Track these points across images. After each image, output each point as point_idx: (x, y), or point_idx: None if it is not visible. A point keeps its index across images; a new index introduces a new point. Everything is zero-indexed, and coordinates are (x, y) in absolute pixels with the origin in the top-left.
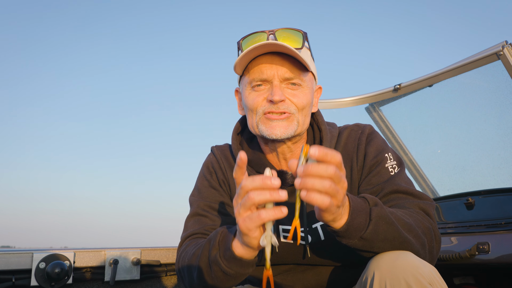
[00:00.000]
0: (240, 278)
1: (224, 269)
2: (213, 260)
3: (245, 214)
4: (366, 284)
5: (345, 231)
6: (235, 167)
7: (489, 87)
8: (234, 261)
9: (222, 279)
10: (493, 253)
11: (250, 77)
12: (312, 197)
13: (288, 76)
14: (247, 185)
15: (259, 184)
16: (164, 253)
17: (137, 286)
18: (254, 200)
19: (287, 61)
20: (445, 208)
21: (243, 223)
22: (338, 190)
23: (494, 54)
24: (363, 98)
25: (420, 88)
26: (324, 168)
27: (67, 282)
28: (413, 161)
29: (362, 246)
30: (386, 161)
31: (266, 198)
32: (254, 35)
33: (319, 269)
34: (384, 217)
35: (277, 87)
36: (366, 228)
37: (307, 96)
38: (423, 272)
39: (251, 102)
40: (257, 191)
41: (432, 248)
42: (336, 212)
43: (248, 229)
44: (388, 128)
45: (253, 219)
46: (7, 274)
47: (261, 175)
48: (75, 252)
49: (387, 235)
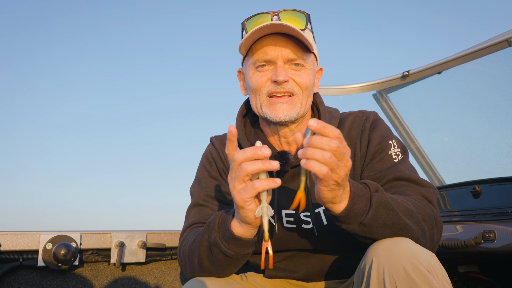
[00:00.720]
0: (240, 260)
1: (224, 250)
2: (213, 242)
3: (239, 186)
4: (364, 271)
5: (345, 216)
6: (227, 141)
7: (499, 74)
8: (234, 241)
9: (223, 262)
10: (499, 242)
11: (254, 57)
12: (310, 164)
13: (291, 57)
14: (239, 157)
15: (250, 155)
16: (169, 236)
17: (142, 269)
18: (247, 170)
19: (291, 42)
20: (451, 196)
21: (239, 195)
22: (339, 165)
23: (505, 41)
24: (371, 85)
25: (429, 75)
26: (327, 141)
27: (73, 263)
28: (420, 149)
29: (362, 231)
30: (390, 148)
31: (259, 168)
32: (258, 16)
33: (322, 255)
34: (384, 203)
35: (281, 67)
36: (366, 213)
37: (310, 76)
38: (422, 259)
39: (255, 82)
40: (249, 162)
41: (433, 235)
42: (335, 190)
43: (243, 201)
44: (395, 115)
45: (248, 189)
46: (14, 254)
47: (252, 146)
48: (82, 233)
49: (387, 221)
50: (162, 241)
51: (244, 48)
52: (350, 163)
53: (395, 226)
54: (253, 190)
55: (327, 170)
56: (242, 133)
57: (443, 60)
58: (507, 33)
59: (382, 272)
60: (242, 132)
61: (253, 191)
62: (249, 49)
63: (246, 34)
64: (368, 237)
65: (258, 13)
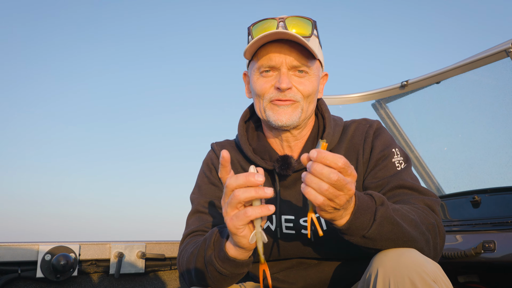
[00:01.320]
0: (235, 278)
1: (219, 269)
2: (208, 260)
3: (232, 213)
4: (370, 282)
5: (347, 229)
6: (219, 166)
7: (497, 84)
8: (228, 261)
9: (219, 278)
10: (499, 252)
11: (258, 63)
12: (307, 191)
13: (295, 64)
14: (231, 184)
15: (243, 182)
16: (169, 246)
17: (141, 279)
18: (240, 198)
19: (295, 49)
20: (451, 206)
21: (231, 222)
22: (338, 195)
23: (503, 51)
24: (370, 94)
25: (428, 85)
26: (327, 172)
27: (72, 274)
28: (419, 158)
29: (365, 243)
30: (393, 156)
31: (251, 195)
32: (264, 22)
33: (321, 266)
34: (388, 217)
35: (284, 75)
36: (369, 227)
37: (313, 83)
38: (427, 270)
39: (259, 88)
40: (241, 189)
41: (436, 244)
42: (334, 212)
43: (235, 228)
44: (394, 124)
45: (240, 217)
46: (13, 266)
47: (245, 173)
48: (81, 244)
49: (391, 235)
50: (161, 251)
51: (249, 54)
52: (352, 191)
53: (399, 239)
54: (245, 218)
55: (323, 199)
56: (244, 137)
57: (442, 70)
58: (505, 43)
59: (388, 283)
60: (244, 137)
61: (246, 219)
62: (254, 54)
63: (251, 41)
64: (371, 248)
65: (264, 19)
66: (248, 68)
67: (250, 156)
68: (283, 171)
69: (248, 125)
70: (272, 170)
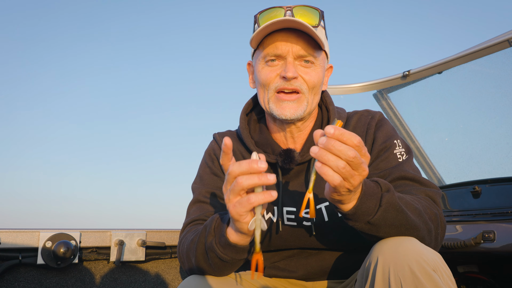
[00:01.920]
0: (236, 264)
1: (220, 255)
2: (209, 246)
3: (235, 199)
4: (369, 270)
5: (353, 214)
6: (221, 153)
7: (499, 74)
8: (229, 247)
9: (219, 265)
10: (499, 242)
11: (264, 51)
12: (325, 171)
13: (302, 54)
14: (234, 171)
15: (246, 169)
16: (169, 235)
17: (142, 267)
18: (243, 184)
19: (302, 39)
20: (451, 196)
21: (234, 209)
22: (354, 174)
23: (506, 41)
24: (371, 84)
25: (429, 75)
26: (345, 149)
27: (73, 261)
28: (420, 148)
29: (368, 230)
30: (395, 148)
31: (255, 182)
32: (272, 10)
33: (322, 255)
34: (394, 204)
35: (290, 63)
36: (374, 213)
37: (319, 74)
38: (427, 259)
39: (264, 77)
40: (244, 176)
41: (438, 234)
42: (346, 195)
43: (238, 214)
44: (395, 115)
45: (243, 203)
46: (14, 252)
47: (247, 160)
48: (81, 232)
49: (395, 221)
50: (161, 240)
51: (255, 42)
52: (366, 172)
53: (403, 226)
54: (248, 205)
55: (340, 180)
56: (246, 131)
57: (444, 60)
58: (508, 33)
59: (388, 271)
60: (246, 130)
61: (249, 206)
62: (260, 43)
63: (258, 28)
64: (374, 235)
65: (271, 7)
66: (252, 58)
67: (252, 150)
68: (286, 165)
69: (250, 117)
70: (275, 163)
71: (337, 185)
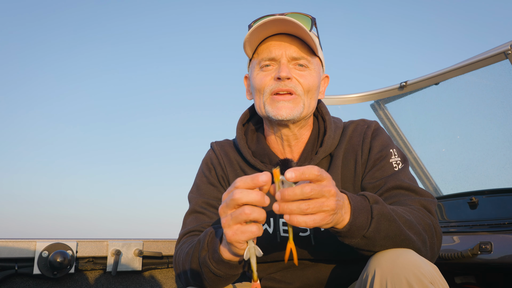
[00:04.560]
0: (230, 279)
1: (214, 270)
2: (203, 261)
3: (235, 226)
4: (366, 282)
5: (348, 231)
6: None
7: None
8: (223, 263)
9: (214, 279)
10: (496, 253)
11: (259, 57)
12: (296, 220)
13: (296, 56)
14: (240, 198)
15: (255, 200)
16: (166, 244)
17: (138, 277)
18: (250, 216)
19: (296, 42)
20: (448, 207)
21: (233, 236)
22: (322, 203)
23: (502, 53)
24: (369, 95)
25: (426, 86)
26: (299, 190)
27: (69, 271)
28: (417, 159)
29: (365, 245)
30: (391, 157)
31: (262, 216)
32: (264, 18)
33: (318, 266)
34: (385, 214)
35: (284, 64)
36: (368, 226)
37: (314, 78)
38: (424, 271)
39: (259, 82)
40: (252, 207)
41: (433, 244)
42: (334, 218)
43: (237, 242)
44: (393, 125)
45: (245, 233)
46: (10, 262)
47: (256, 191)
48: (78, 241)
49: (389, 232)
50: (158, 249)
51: (249, 47)
52: (333, 190)
53: (397, 237)
54: (250, 235)
55: (313, 218)
56: (243, 141)
57: (441, 71)
58: (504, 45)
59: (385, 284)
60: (243, 140)
61: (251, 236)
62: (254, 52)
63: (251, 29)
64: (370, 250)
65: (264, 16)
66: (248, 69)
67: (249, 160)
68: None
69: (247, 127)
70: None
71: (316, 223)
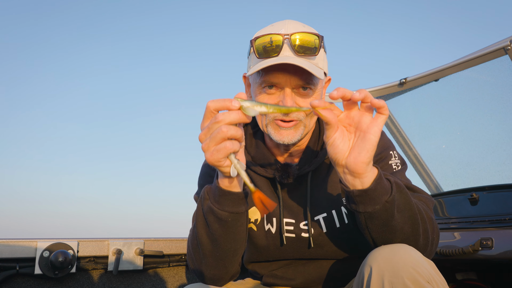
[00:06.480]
0: (235, 227)
1: (218, 213)
2: (207, 210)
3: (212, 147)
4: (363, 279)
5: (374, 190)
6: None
7: (495, 82)
8: (224, 198)
9: (220, 232)
10: (497, 249)
11: (261, 77)
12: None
13: (300, 84)
14: (224, 120)
15: (236, 119)
16: (167, 244)
17: (140, 277)
18: (227, 134)
19: (301, 68)
20: (449, 203)
21: (211, 156)
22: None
23: (502, 49)
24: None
25: (426, 83)
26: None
27: (70, 271)
28: (417, 156)
29: (384, 215)
30: (390, 158)
31: (238, 133)
32: (269, 37)
33: (320, 262)
34: (399, 185)
35: (288, 96)
36: (390, 190)
37: (317, 99)
38: (422, 270)
39: None
40: (229, 126)
41: (433, 238)
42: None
43: (217, 161)
44: (393, 122)
45: (221, 150)
46: (11, 262)
47: (236, 111)
48: (79, 241)
49: (406, 205)
50: (159, 249)
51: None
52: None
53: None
54: (226, 151)
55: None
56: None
57: (440, 68)
58: (504, 41)
59: (382, 282)
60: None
61: (226, 152)
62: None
63: (255, 64)
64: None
65: (268, 34)
66: (248, 70)
67: (249, 165)
68: (284, 180)
69: (245, 131)
70: (273, 178)
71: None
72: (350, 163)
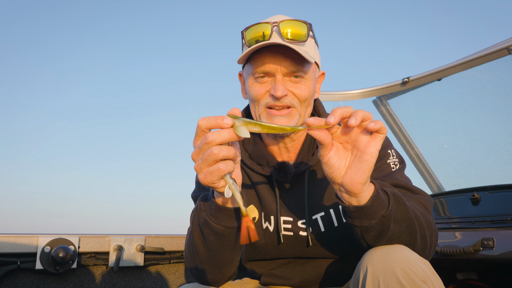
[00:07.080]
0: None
1: (213, 226)
2: (203, 222)
3: (205, 169)
4: (359, 279)
5: (370, 206)
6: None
7: (498, 82)
8: (220, 212)
9: (215, 243)
10: (498, 249)
11: (253, 67)
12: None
13: (291, 70)
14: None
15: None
16: (168, 240)
17: (140, 273)
18: (218, 156)
19: (290, 55)
20: (450, 203)
21: (205, 179)
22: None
23: (505, 49)
24: (371, 91)
25: (429, 82)
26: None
27: (71, 266)
28: (419, 155)
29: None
30: (389, 157)
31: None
32: (258, 26)
33: (318, 262)
34: (396, 195)
35: (279, 82)
36: (387, 204)
37: (310, 87)
38: (417, 270)
39: (254, 93)
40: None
41: (432, 242)
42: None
43: (211, 183)
44: (395, 121)
45: (214, 173)
46: (12, 257)
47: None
48: (80, 237)
49: (403, 215)
50: (160, 245)
51: (243, 60)
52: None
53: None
54: (219, 173)
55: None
56: (240, 143)
57: (443, 67)
58: (507, 41)
59: (377, 283)
60: (239, 142)
61: (220, 174)
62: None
63: (245, 50)
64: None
65: (257, 23)
66: (243, 69)
67: (246, 163)
68: (281, 178)
69: None
70: (270, 176)
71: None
72: (346, 183)
